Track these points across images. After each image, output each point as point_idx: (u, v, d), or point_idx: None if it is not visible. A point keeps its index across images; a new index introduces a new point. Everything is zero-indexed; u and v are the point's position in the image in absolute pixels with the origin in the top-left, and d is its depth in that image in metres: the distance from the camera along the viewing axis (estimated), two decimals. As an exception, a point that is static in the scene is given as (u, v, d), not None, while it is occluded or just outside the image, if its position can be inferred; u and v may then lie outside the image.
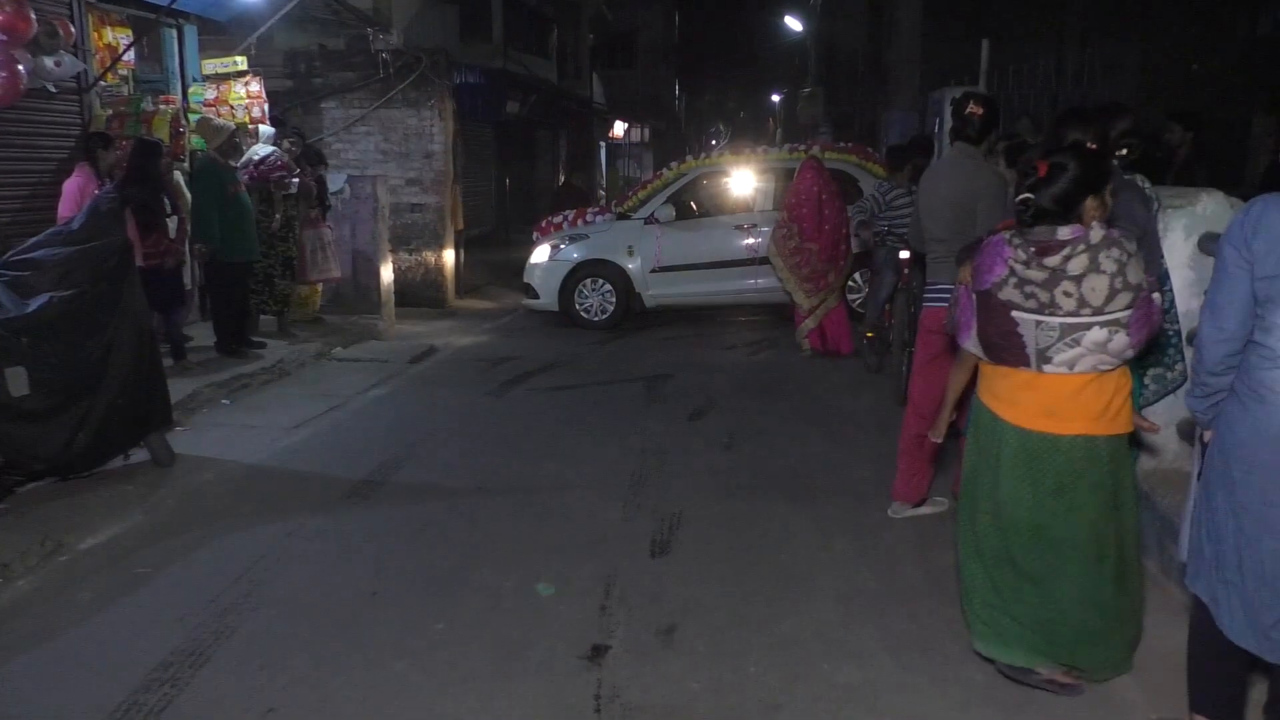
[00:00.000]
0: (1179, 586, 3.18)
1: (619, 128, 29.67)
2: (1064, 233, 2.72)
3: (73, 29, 7.19)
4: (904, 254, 6.57)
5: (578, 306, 9.96)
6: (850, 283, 9.29)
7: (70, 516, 4.59)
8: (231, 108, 9.28)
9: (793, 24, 28.85)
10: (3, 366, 4.42)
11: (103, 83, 7.97)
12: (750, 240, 9.68)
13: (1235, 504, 2.30)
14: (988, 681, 3.06)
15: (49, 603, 3.78)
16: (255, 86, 9.45)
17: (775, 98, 41.33)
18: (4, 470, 4.56)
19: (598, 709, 2.96)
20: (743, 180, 10.25)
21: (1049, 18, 15.43)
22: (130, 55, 8.31)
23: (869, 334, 7.59)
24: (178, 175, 7.97)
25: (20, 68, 6.24)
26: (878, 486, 4.79)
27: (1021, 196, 2.76)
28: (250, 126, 9.08)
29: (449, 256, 12.00)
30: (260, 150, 8.40)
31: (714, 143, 58.22)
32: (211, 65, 9.45)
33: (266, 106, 9.54)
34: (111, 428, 4.97)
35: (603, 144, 27.49)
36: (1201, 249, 3.80)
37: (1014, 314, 2.76)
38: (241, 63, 9.56)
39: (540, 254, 10.10)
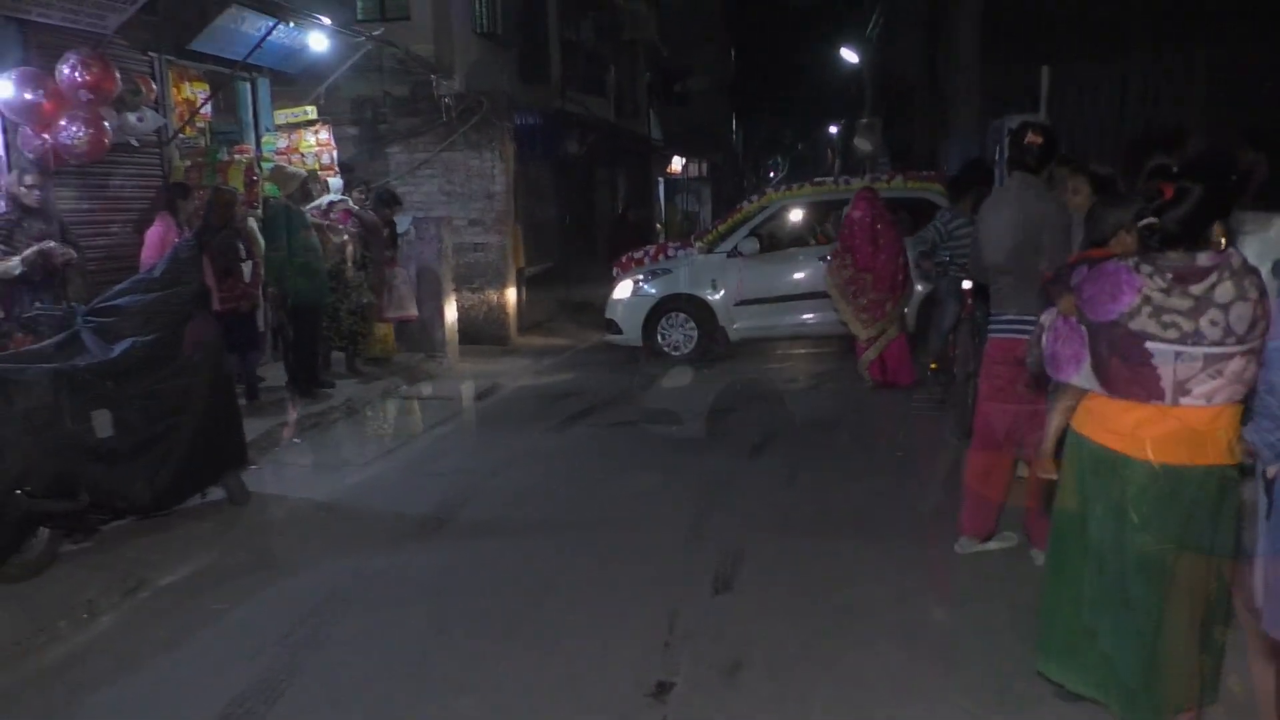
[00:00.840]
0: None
1: (677, 163, 29.90)
2: (1204, 259, 2.61)
3: (154, 86, 7.55)
4: (966, 284, 6.50)
5: (660, 340, 10.06)
6: None
7: (150, 554, 4.75)
8: (302, 155, 9.62)
9: (849, 55, 28.83)
10: (90, 409, 4.60)
11: (181, 135, 8.33)
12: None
13: None
14: (1062, 723, 2.99)
15: (131, 638, 3.91)
16: (324, 134, 9.79)
17: (833, 129, 41.28)
18: (90, 510, 4.73)
19: (663, 747, 2.96)
20: (824, 211, 10.20)
21: (1112, 38, 15.21)
22: (207, 108, 8.67)
23: (933, 365, 7.50)
24: (251, 222, 8.26)
25: (106, 124, 6.55)
26: (943, 521, 4.69)
27: (1146, 221, 2.67)
28: (320, 174, 9.39)
29: (511, 294, 12.19)
30: (331, 197, 8.68)
31: (772, 175, 58.38)
32: (283, 115, 9.81)
33: (335, 153, 9.86)
34: (190, 467, 5.12)
35: (660, 180, 27.71)
36: (1275, 275, 3.71)
37: (1148, 345, 2.63)
38: (312, 112, 9.92)
39: (623, 289, 10.22)
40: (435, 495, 5.65)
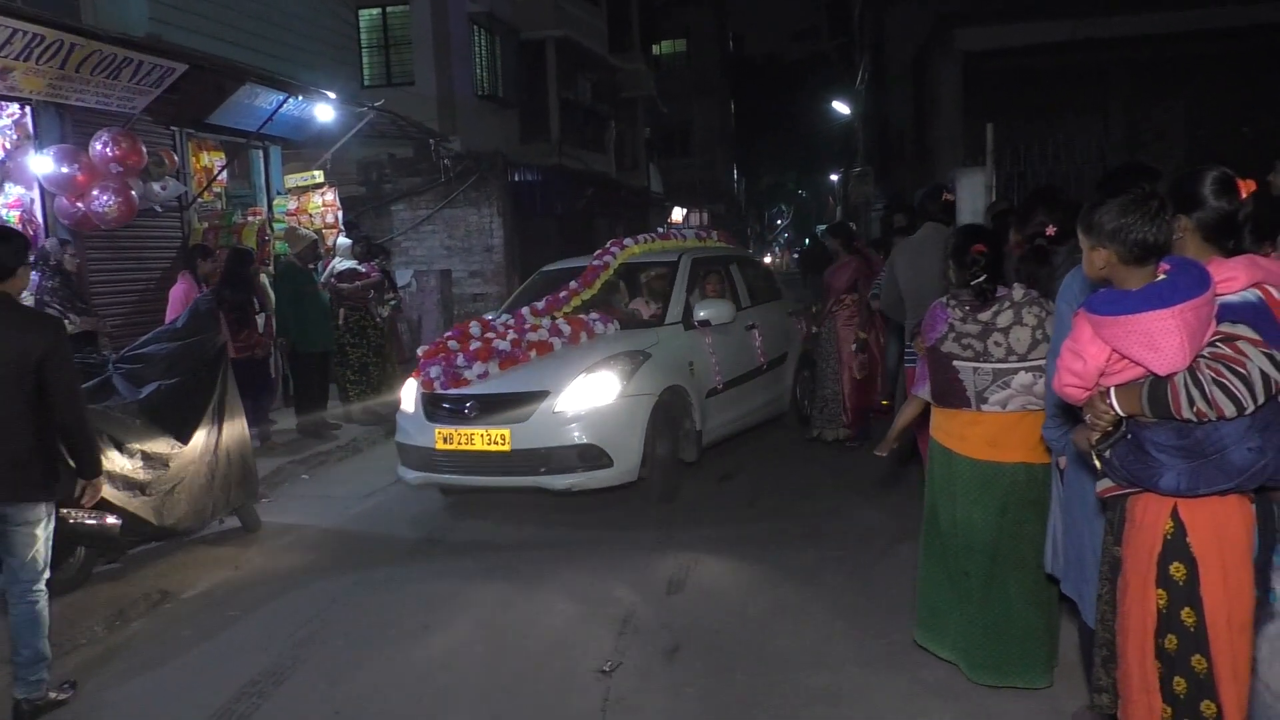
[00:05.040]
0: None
1: (677, 213, 30.82)
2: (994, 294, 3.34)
3: (175, 157, 8.31)
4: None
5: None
6: None
7: (173, 572, 5.36)
8: (310, 216, 10.37)
9: (840, 108, 29.83)
10: (122, 444, 5.24)
11: (199, 200, 9.07)
12: (759, 342, 7.77)
13: None
14: (938, 681, 3.53)
15: (157, 639, 4.51)
16: (330, 196, 10.55)
17: (834, 177, 42.33)
18: (121, 533, 5.34)
19: (604, 710, 3.53)
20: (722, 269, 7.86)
21: (1092, 88, 16.00)
22: (223, 175, 9.42)
23: (884, 401, 7.86)
24: (263, 278, 8.95)
25: (133, 193, 7.29)
26: (880, 529, 5.30)
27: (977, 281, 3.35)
28: (325, 233, 10.11)
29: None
30: (339, 265, 9.37)
31: (778, 222, 59.32)
32: (293, 179, 10.58)
33: (340, 213, 10.60)
34: (208, 498, 5.74)
35: (660, 230, 28.51)
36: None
37: (955, 363, 3.32)
38: (319, 176, 10.69)
39: (595, 388, 5.97)
40: (430, 520, 6.25)
